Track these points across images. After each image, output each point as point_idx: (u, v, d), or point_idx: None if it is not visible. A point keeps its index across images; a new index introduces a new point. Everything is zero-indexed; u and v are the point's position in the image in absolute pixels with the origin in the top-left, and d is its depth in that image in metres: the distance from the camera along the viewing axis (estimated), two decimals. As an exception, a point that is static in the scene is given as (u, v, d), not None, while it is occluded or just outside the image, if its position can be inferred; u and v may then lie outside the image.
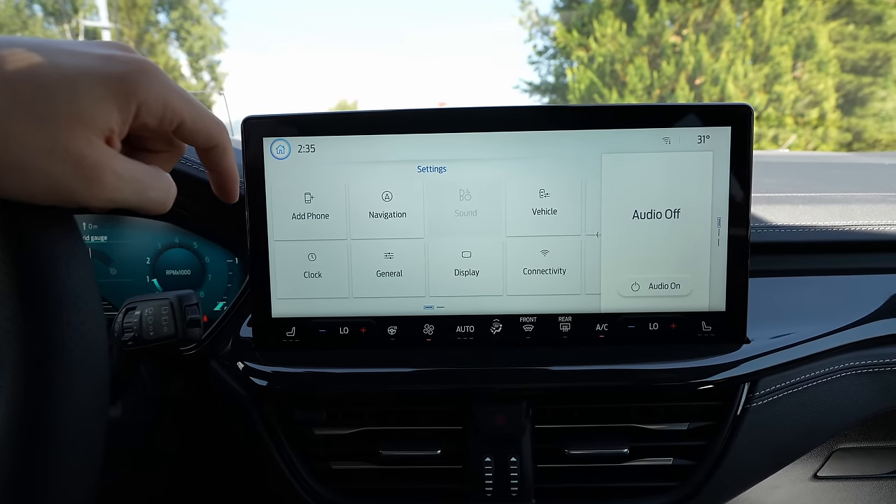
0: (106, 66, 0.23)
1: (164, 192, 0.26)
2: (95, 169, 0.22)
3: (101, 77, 0.22)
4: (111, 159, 0.23)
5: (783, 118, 7.97)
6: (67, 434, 0.25)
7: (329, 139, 0.45)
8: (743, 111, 0.44)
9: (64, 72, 0.22)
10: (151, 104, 0.24)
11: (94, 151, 0.22)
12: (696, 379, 0.45)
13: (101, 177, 0.22)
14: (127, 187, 0.23)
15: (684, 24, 8.76)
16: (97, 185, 0.22)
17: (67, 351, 0.24)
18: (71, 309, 0.24)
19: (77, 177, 0.22)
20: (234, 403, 0.47)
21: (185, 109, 0.25)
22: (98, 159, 0.22)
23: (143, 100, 0.23)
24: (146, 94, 0.23)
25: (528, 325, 0.46)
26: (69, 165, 0.21)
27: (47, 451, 0.24)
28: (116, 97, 0.22)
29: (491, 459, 0.46)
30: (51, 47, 0.22)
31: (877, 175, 0.77)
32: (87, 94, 0.22)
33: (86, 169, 0.22)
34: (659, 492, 0.47)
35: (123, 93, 0.23)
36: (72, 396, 0.25)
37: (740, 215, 0.44)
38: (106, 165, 0.22)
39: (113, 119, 0.23)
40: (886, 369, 0.48)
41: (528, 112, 0.44)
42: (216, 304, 0.57)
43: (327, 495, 0.47)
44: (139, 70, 0.23)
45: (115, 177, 0.23)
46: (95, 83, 0.22)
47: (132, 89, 0.23)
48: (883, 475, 0.57)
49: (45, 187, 0.22)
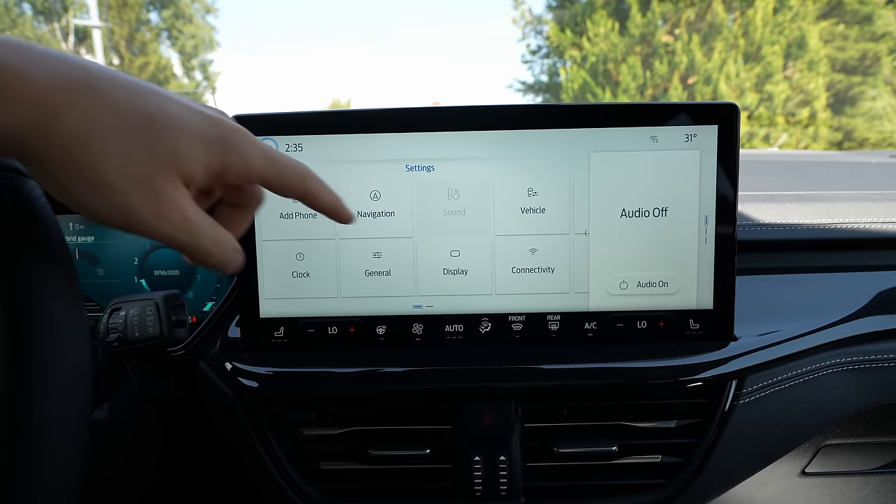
0: (208, 127, 0.26)
1: (213, 243, 0.27)
2: (169, 206, 0.25)
3: (204, 134, 0.26)
4: (184, 201, 0.26)
5: (774, 117, 8.02)
6: (49, 436, 0.25)
7: (317, 138, 0.45)
8: (730, 110, 0.44)
9: (176, 120, 0.25)
10: (235, 165, 0.27)
11: (173, 191, 0.25)
12: (683, 377, 0.45)
13: (170, 214, 0.25)
14: (186, 228, 0.26)
15: (676, 23, 8.80)
16: (163, 220, 0.25)
17: (47, 349, 0.24)
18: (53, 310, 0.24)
19: (149, 209, 0.24)
20: (223, 404, 0.47)
21: (268, 170, 0.28)
22: (174, 198, 0.25)
23: (228, 160, 0.27)
24: (232, 155, 0.27)
25: (517, 324, 0.46)
26: (149, 198, 0.24)
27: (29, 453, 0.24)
28: (209, 153, 0.26)
29: (480, 458, 0.46)
30: (167, 96, 0.26)
31: (863, 173, 0.78)
32: (188, 146, 0.25)
33: (161, 204, 0.24)
34: (648, 489, 0.47)
35: (215, 151, 0.26)
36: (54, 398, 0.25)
37: (727, 214, 0.45)
38: (178, 205, 0.25)
39: (199, 171, 0.26)
40: (872, 366, 0.49)
41: (517, 111, 0.44)
42: (205, 304, 0.57)
43: (316, 496, 0.47)
44: (230, 133, 0.27)
45: (181, 217, 0.25)
46: (197, 137, 0.25)
47: (222, 149, 0.26)
48: (870, 471, 0.58)
49: (120, 211, 0.24)
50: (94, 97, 0.23)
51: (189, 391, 0.52)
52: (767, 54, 8.05)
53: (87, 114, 0.23)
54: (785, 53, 8.16)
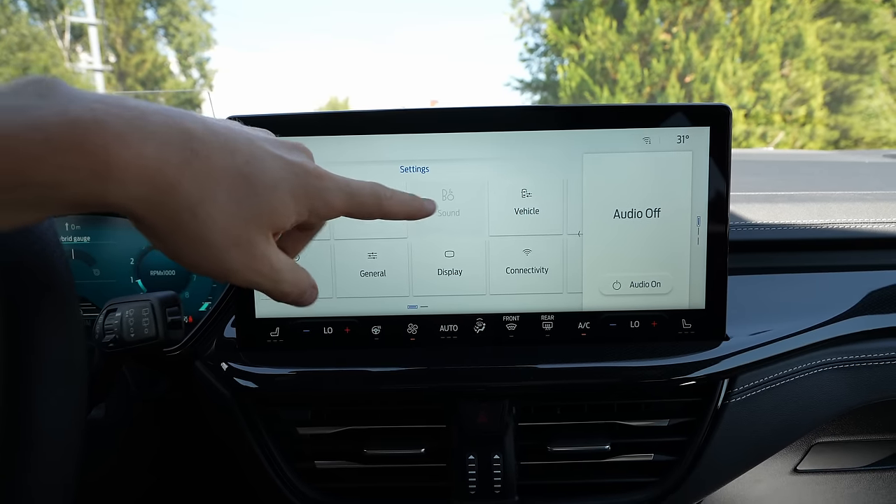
0: (298, 178, 0.27)
1: (293, 286, 0.28)
2: (260, 260, 0.26)
3: (293, 188, 0.26)
4: (274, 253, 0.27)
5: (771, 116, 8.04)
6: (45, 436, 0.25)
7: (312, 139, 0.45)
8: (721, 111, 0.44)
9: (269, 176, 0.25)
10: (319, 209, 0.28)
11: (265, 245, 0.26)
12: (676, 376, 0.46)
13: (260, 266, 0.26)
14: (271, 276, 0.27)
15: (674, 21, 8.80)
16: (252, 272, 0.26)
17: (43, 349, 0.24)
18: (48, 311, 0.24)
19: (242, 262, 0.25)
20: (219, 404, 0.47)
21: (348, 207, 0.29)
22: (265, 252, 0.26)
23: (314, 207, 0.28)
24: (318, 202, 0.28)
25: (512, 324, 0.46)
26: (244, 254, 0.25)
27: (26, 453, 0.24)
28: (298, 206, 0.27)
29: (475, 457, 0.46)
30: (261, 147, 0.26)
31: (856, 173, 0.79)
32: (281, 200, 0.26)
33: (253, 259, 0.25)
34: (640, 487, 0.48)
35: (304, 203, 0.27)
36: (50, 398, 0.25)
37: (719, 214, 0.45)
38: (269, 258, 0.26)
39: (289, 222, 0.27)
40: (862, 365, 0.49)
41: (510, 112, 0.45)
42: (201, 304, 0.57)
43: (312, 495, 0.48)
44: (316, 180, 0.28)
45: (269, 268, 0.26)
46: (288, 192, 0.26)
47: (309, 199, 0.27)
48: (860, 468, 0.59)
49: (215, 266, 0.25)
50: (200, 168, 0.23)
51: (185, 391, 0.52)
52: (764, 53, 8.07)
53: (196, 183, 0.23)
54: (782, 52, 8.17)
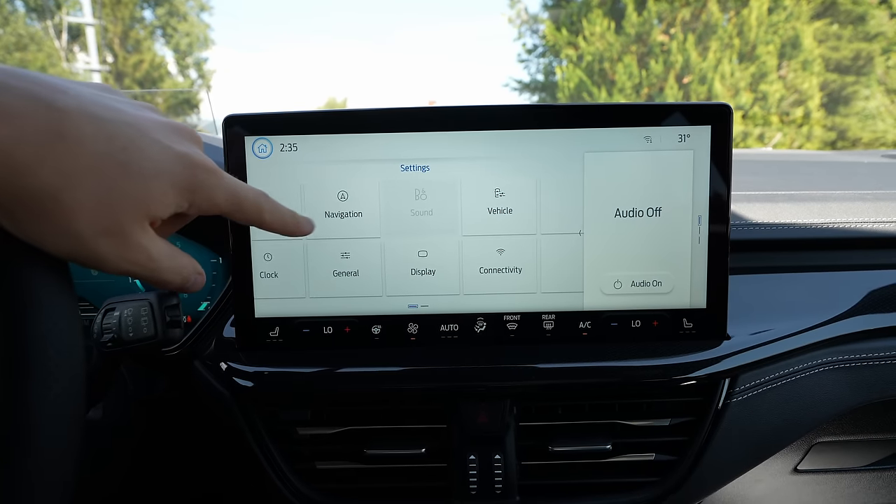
0: (182, 170, 0.26)
1: (174, 274, 0.27)
2: (135, 250, 0.25)
3: (176, 180, 0.25)
4: (150, 242, 0.25)
5: (769, 117, 8.06)
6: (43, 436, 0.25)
7: (311, 138, 0.45)
8: (722, 110, 0.44)
9: (148, 165, 0.24)
10: (200, 202, 0.27)
11: (141, 235, 0.25)
12: (677, 375, 0.45)
13: (136, 256, 0.25)
14: (148, 266, 0.26)
15: (672, 23, 8.82)
16: (126, 262, 0.25)
17: (41, 351, 0.24)
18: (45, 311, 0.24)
19: (115, 252, 0.24)
20: (218, 404, 0.47)
21: (229, 206, 0.28)
22: (141, 242, 0.25)
23: (195, 199, 0.27)
24: (200, 194, 0.27)
25: (512, 324, 0.46)
26: (116, 244, 0.24)
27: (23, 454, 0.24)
28: (178, 196, 0.26)
29: (475, 457, 0.46)
30: (144, 132, 0.24)
31: (855, 173, 0.79)
32: (159, 190, 0.25)
33: (127, 249, 0.24)
34: (641, 487, 0.47)
35: (185, 193, 0.26)
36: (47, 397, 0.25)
37: (720, 213, 0.45)
38: (144, 248, 0.25)
39: (167, 213, 0.26)
40: (863, 364, 0.49)
41: (512, 111, 0.44)
42: (200, 304, 0.57)
43: (312, 495, 0.47)
44: (204, 174, 0.27)
45: (146, 257, 0.25)
46: (168, 184, 0.25)
47: (191, 190, 0.26)
48: (861, 468, 0.59)
49: (86, 255, 0.24)
50: (67, 150, 0.22)
51: (183, 391, 0.52)
52: (762, 54, 8.09)
53: (60, 167, 0.21)
54: (779, 53, 8.19)
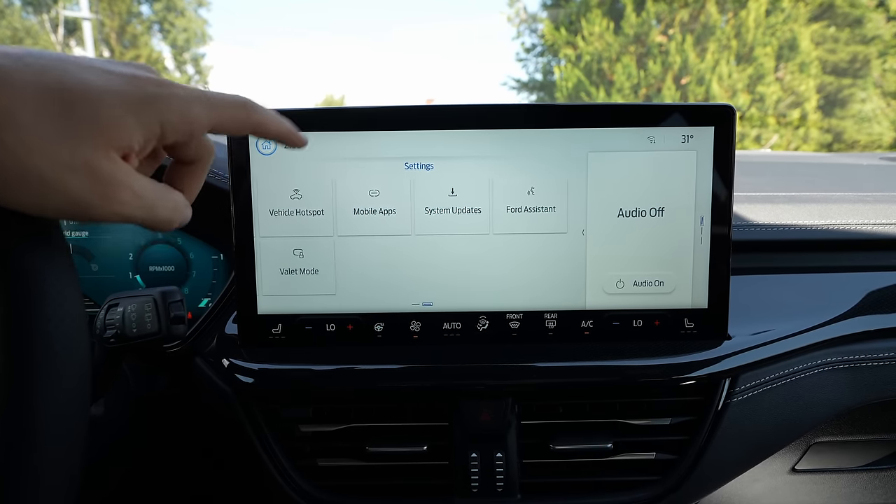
0: (130, 87, 0.23)
1: (172, 211, 0.26)
2: (112, 185, 0.23)
3: (125, 97, 0.23)
4: (128, 176, 0.23)
5: (766, 118, 8.09)
6: (49, 431, 0.25)
7: (315, 135, 0.44)
8: (726, 111, 0.44)
9: (89, 88, 0.22)
10: (175, 122, 0.24)
11: (112, 167, 0.23)
12: (678, 375, 0.46)
13: (117, 193, 0.23)
14: (138, 203, 0.24)
15: (670, 24, 8.84)
16: (111, 201, 0.23)
17: (48, 347, 0.24)
18: (51, 305, 0.24)
19: (93, 192, 0.22)
20: (219, 401, 0.47)
21: (211, 115, 0.26)
22: (115, 176, 0.23)
23: (165, 119, 0.24)
24: (168, 112, 0.24)
25: (515, 322, 0.46)
26: (87, 181, 0.22)
27: (29, 448, 0.24)
28: (139, 117, 0.23)
29: (477, 455, 0.46)
30: (78, 63, 0.23)
31: (854, 175, 0.79)
32: (110, 113, 0.22)
33: (103, 185, 0.22)
34: (642, 486, 0.48)
35: (145, 113, 0.23)
36: (53, 394, 0.24)
37: (723, 214, 0.45)
38: (123, 182, 0.23)
39: (134, 139, 0.23)
40: (861, 365, 0.50)
41: (516, 110, 0.45)
42: (201, 300, 0.57)
43: (313, 492, 0.47)
44: (158, 88, 0.24)
45: (130, 194, 0.23)
46: (119, 103, 0.23)
47: (154, 109, 0.24)
48: (858, 468, 0.59)
49: (60, 201, 0.22)
50: None
51: (184, 388, 0.52)
52: (759, 56, 8.11)
53: None
54: (777, 55, 8.22)
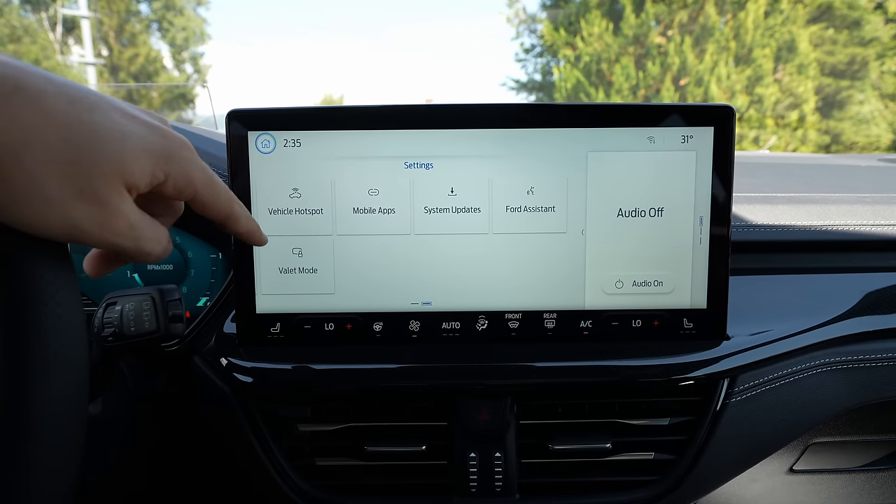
0: (152, 137, 0.26)
1: (156, 244, 0.28)
2: (115, 216, 0.24)
3: (147, 145, 0.25)
4: (129, 209, 0.25)
5: (764, 120, 8.10)
6: (46, 431, 0.24)
7: (315, 134, 0.44)
8: (725, 112, 0.44)
9: (117, 129, 0.24)
10: (177, 177, 0.27)
11: (119, 200, 0.24)
12: (677, 375, 0.46)
13: (116, 224, 0.24)
14: (131, 235, 0.26)
15: (669, 25, 8.85)
16: (107, 230, 0.24)
17: (44, 346, 0.24)
18: (49, 304, 0.24)
19: (94, 219, 0.24)
20: (218, 400, 0.47)
21: (204, 190, 0.29)
22: (119, 207, 0.24)
23: (171, 172, 0.27)
24: (177, 167, 0.27)
25: (514, 322, 0.46)
26: (92, 208, 0.23)
27: (25, 448, 0.24)
28: (154, 164, 0.26)
29: (476, 455, 0.46)
30: (108, 102, 0.25)
31: (853, 177, 0.79)
32: (132, 155, 0.24)
33: (106, 214, 0.24)
34: (640, 486, 0.48)
35: (161, 163, 0.26)
36: (50, 393, 0.24)
37: (722, 214, 0.45)
38: (124, 214, 0.25)
39: (143, 180, 0.25)
40: (859, 365, 0.50)
41: (515, 110, 0.45)
42: (199, 299, 0.57)
43: (312, 492, 0.47)
44: (178, 147, 0.27)
45: (126, 225, 0.25)
46: (141, 148, 0.25)
47: (167, 161, 0.26)
48: (856, 468, 0.59)
49: (59, 223, 0.23)
50: (25, 103, 0.21)
51: (182, 387, 0.52)
52: (758, 57, 8.12)
53: (17, 121, 0.21)
54: (775, 56, 8.23)
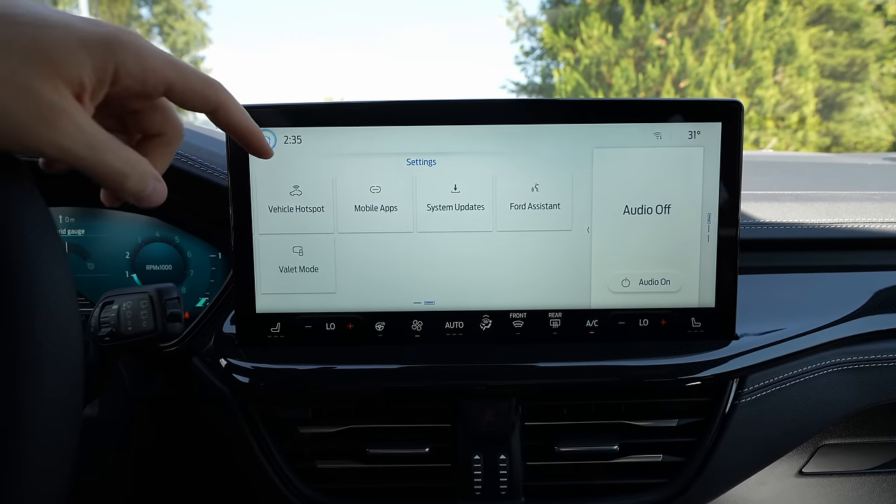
0: (89, 25, 0.22)
1: (126, 164, 0.24)
2: (52, 109, 0.21)
3: (81, 32, 0.22)
4: (73, 108, 0.22)
5: (764, 121, 8.11)
6: (39, 432, 0.24)
7: (316, 130, 0.44)
8: (734, 107, 0.44)
9: (39, 15, 0.21)
10: (130, 66, 0.23)
11: (54, 94, 0.21)
12: (685, 375, 0.45)
13: (57, 120, 0.21)
14: (83, 139, 0.22)
15: (669, 27, 8.86)
16: (51, 128, 0.21)
17: (37, 344, 0.23)
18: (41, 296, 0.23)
19: (31, 114, 0.21)
20: (217, 401, 0.46)
21: (170, 72, 0.25)
22: (57, 102, 0.21)
23: (120, 60, 0.23)
24: (124, 54, 0.23)
25: (518, 322, 0.45)
26: (24, 101, 0.21)
27: (17, 450, 0.23)
28: (91, 53, 0.22)
29: (480, 457, 0.45)
30: (42, 4, 0.22)
31: (860, 175, 0.79)
32: (61, 41, 0.21)
33: (42, 107, 0.21)
34: (648, 489, 0.47)
35: (100, 51, 0.22)
36: (43, 393, 0.24)
37: (730, 212, 0.44)
38: (65, 111, 0.21)
39: (85, 73, 0.22)
40: (871, 365, 0.49)
41: (520, 105, 0.44)
42: (199, 300, 0.56)
43: (312, 495, 0.46)
44: (117, 32, 0.23)
45: (72, 125, 0.22)
46: (70, 35, 0.22)
47: (109, 49, 0.23)
48: (866, 471, 0.58)
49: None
50: None
51: (181, 388, 0.51)
52: (758, 59, 8.13)
53: None
54: (775, 58, 8.24)
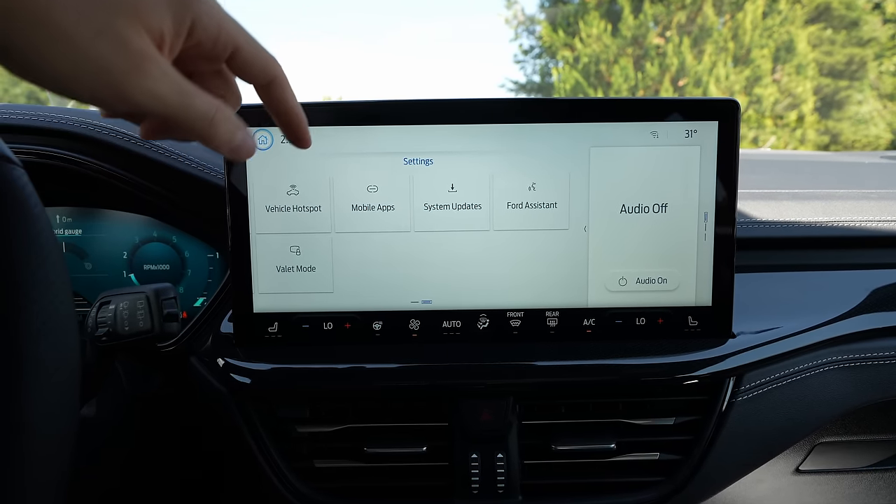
0: None
1: (211, 107, 0.24)
2: (140, 56, 0.22)
3: None
4: (157, 54, 0.23)
5: (763, 120, 8.11)
6: (36, 431, 0.24)
7: (313, 129, 0.43)
8: (730, 105, 0.44)
9: None
10: (206, 22, 0.24)
11: (141, 41, 0.22)
12: (681, 373, 0.45)
13: (145, 65, 0.22)
14: (170, 84, 0.23)
15: (668, 26, 8.86)
16: (140, 74, 0.22)
17: (34, 343, 0.23)
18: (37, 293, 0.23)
19: (120, 60, 0.22)
20: (215, 401, 0.46)
21: (241, 36, 0.26)
22: (143, 48, 0.22)
23: (197, 14, 0.24)
24: (199, 9, 0.24)
25: (516, 321, 0.46)
26: (115, 48, 0.22)
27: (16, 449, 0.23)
28: (171, 5, 0.23)
29: (477, 456, 0.45)
30: None
31: (856, 173, 0.79)
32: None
33: (131, 54, 0.22)
34: (646, 487, 0.47)
35: (179, 4, 0.23)
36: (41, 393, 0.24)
37: (727, 210, 0.44)
38: (151, 56, 0.23)
39: (165, 24, 0.23)
40: (867, 363, 0.49)
41: (517, 104, 0.44)
42: (196, 299, 0.56)
43: (310, 494, 0.46)
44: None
45: (158, 70, 0.23)
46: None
47: (187, 3, 0.24)
48: (862, 468, 0.58)
49: (90, 66, 0.22)
50: None
51: (178, 388, 0.51)
52: (756, 58, 8.14)
53: None
54: (773, 57, 8.24)
